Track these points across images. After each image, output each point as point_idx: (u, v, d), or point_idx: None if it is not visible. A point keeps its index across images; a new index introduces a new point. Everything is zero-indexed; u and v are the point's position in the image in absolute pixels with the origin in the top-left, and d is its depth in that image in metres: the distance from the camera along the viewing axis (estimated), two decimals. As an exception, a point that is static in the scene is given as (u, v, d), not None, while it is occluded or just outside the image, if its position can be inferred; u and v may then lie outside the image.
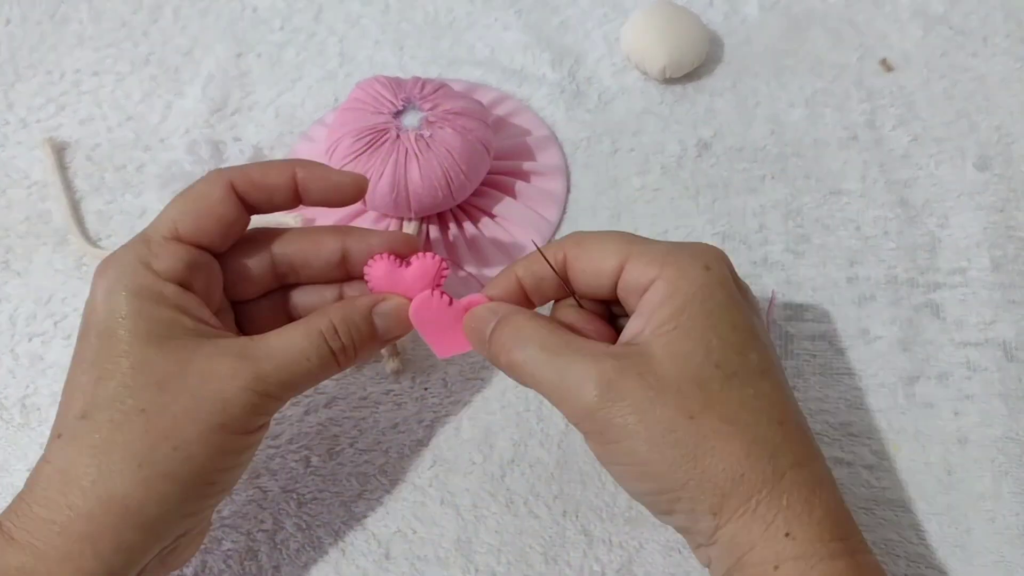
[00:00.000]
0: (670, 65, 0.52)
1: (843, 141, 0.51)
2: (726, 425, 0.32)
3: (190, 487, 0.33)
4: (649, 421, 0.32)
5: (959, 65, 0.54)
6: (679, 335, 0.33)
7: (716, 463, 0.32)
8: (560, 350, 0.34)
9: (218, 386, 0.33)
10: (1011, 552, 0.40)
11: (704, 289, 0.33)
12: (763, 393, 0.33)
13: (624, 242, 0.35)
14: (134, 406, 0.33)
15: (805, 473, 0.32)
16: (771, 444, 0.32)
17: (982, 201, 0.49)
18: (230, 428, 0.33)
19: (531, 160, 0.51)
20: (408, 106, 0.47)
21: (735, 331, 0.33)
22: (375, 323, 0.37)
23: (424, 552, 0.41)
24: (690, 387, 0.32)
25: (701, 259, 0.34)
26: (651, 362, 0.32)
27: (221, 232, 0.36)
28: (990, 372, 0.44)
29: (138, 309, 0.34)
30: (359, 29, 0.58)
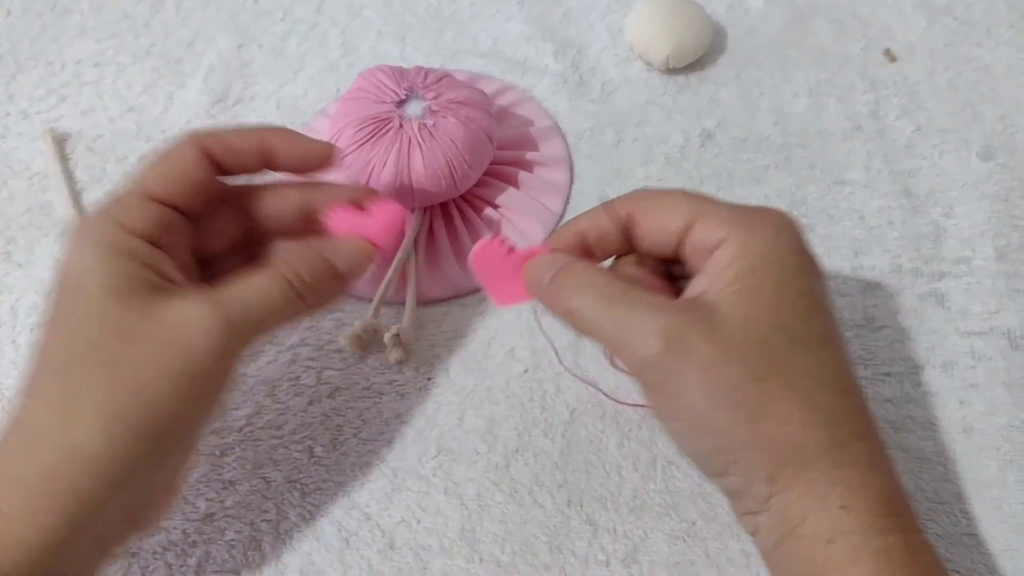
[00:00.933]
0: (673, 55, 0.52)
1: (847, 131, 0.51)
2: (789, 390, 0.31)
3: (155, 439, 0.33)
4: (713, 379, 0.31)
5: (963, 55, 0.54)
6: (747, 296, 0.32)
7: (777, 429, 0.31)
8: (620, 300, 0.33)
9: (183, 332, 0.33)
10: (1017, 540, 0.39)
11: (774, 253, 0.33)
12: (826, 361, 0.33)
13: (693, 201, 0.35)
14: (99, 360, 0.32)
15: (865, 446, 0.32)
16: (833, 413, 0.32)
17: (986, 191, 0.49)
18: (195, 376, 0.33)
19: (534, 150, 0.51)
20: (411, 95, 0.46)
21: (802, 297, 0.33)
22: (334, 262, 0.37)
23: (428, 542, 0.41)
24: (756, 349, 0.32)
25: (772, 223, 0.34)
26: (718, 319, 0.32)
27: (193, 194, 0.37)
28: (995, 361, 0.44)
29: (106, 265, 0.33)
30: (361, 20, 0.58)
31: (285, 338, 0.46)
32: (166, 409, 0.32)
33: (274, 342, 0.46)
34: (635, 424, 0.43)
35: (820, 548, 0.31)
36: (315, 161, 0.39)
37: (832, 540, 0.31)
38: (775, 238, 0.33)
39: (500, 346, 0.45)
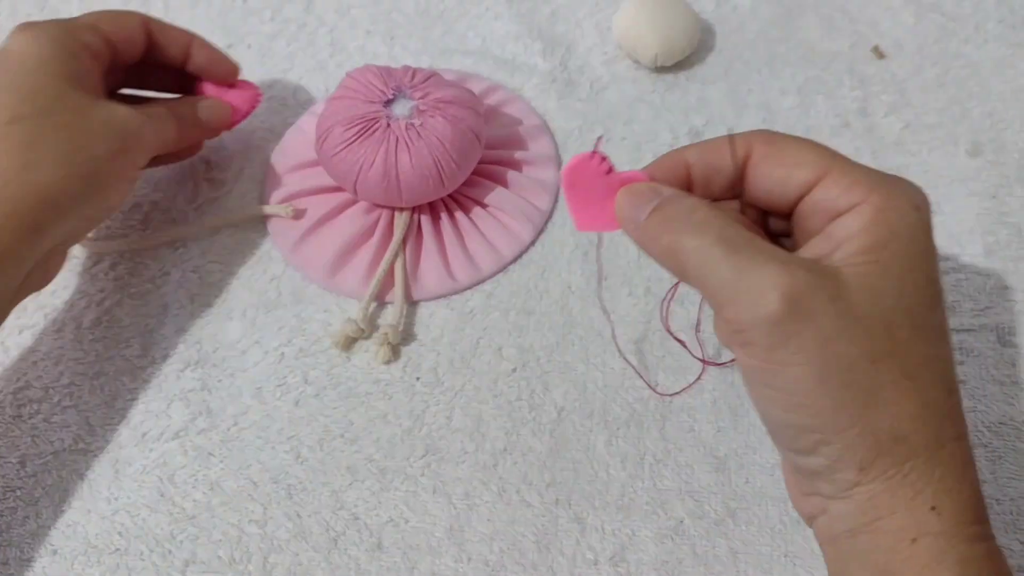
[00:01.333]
0: (662, 54, 0.52)
1: (835, 128, 0.51)
2: (905, 379, 0.29)
3: (94, 195, 0.42)
4: (829, 352, 0.29)
5: (951, 52, 0.54)
6: (877, 270, 0.29)
7: (883, 417, 0.29)
8: (741, 246, 0.30)
9: (121, 119, 0.43)
10: (1006, 537, 0.39)
11: (911, 230, 0.30)
12: (942, 356, 0.31)
13: (826, 155, 0.32)
14: (58, 122, 0.41)
15: (963, 448, 0.31)
16: (939, 411, 0.30)
17: (975, 187, 0.49)
18: (126, 147, 0.43)
19: (523, 149, 0.51)
20: (399, 95, 0.46)
21: (930, 284, 0.31)
22: (200, 114, 0.48)
23: (416, 541, 0.41)
24: (879, 328, 0.29)
25: (913, 198, 0.31)
26: (844, 290, 0.29)
27: (129, 48, 0.46)
28: (984, 357, 0.44)
29: (62, 58, 0.42)
30: (349, 19, 0.58)
31: (271, 338, 0.46)
32: (104, 165, 0.42)
33: (260, 343, 0.46)
34: (623, 423, 0.43)
35: (903, 545, 0.30)
36: (223, 69, 0.49)
37: (916, 540, 0.29)
38: (914, 214, 0.30)
39: (488, 345, 0.45)
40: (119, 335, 0.47)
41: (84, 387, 0.45)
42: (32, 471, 0.43)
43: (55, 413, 0.45)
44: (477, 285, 0.47)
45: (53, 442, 0.44)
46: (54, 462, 0.43)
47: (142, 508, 0.42)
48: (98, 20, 0.45)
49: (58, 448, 0.44)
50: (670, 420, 0.43)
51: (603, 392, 0.44)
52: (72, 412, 0.44)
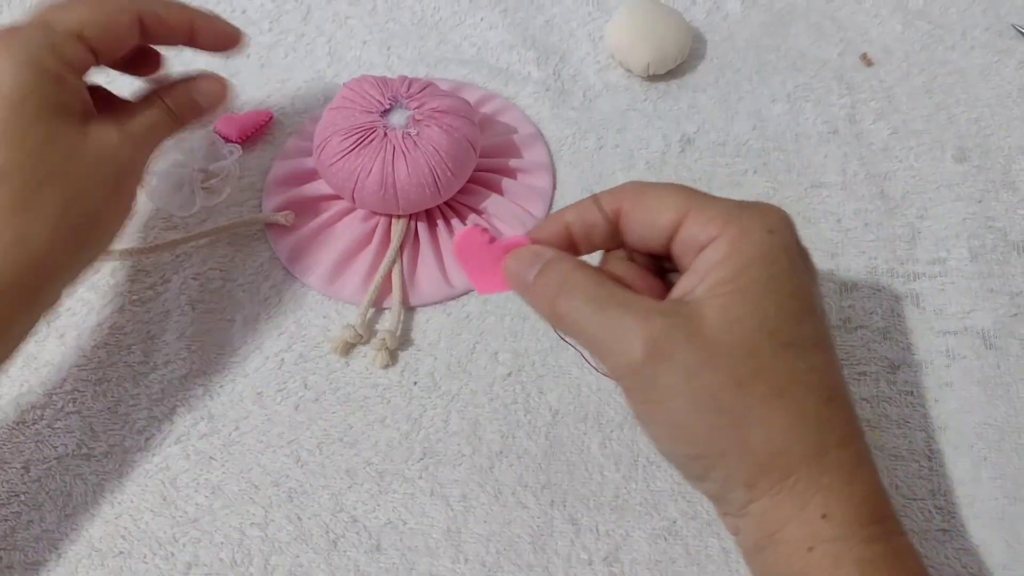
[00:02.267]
0: (654, 62, 0.53)
1: (824, 135, 0.52)
2: (773, 397, 0.31)
3: (88, 235, 0.40)
4: (695, 384, 0.31)
5: (938, 59, 0.55)
6: (735, 298, 0.31)
7: (758, 435, 0.31)
8: (607, 303, 0.33)
9: (112, 151, 0.40)
10: (990, 535, 0.40)
11: (766, 253, 0.32)
12: (815, 366, 0.32)
13: (684, 196, 0.34)
14: (47, 170, 0.38)
15: (849, 452, 0.32)
16: (817, 421, 0.31)
17: (961, 192, 0.50)
18: (118, 181, 0.40)
19: (517, 157, 0.52)
20: (395, 105, 0.47)
21: (793, 299, 0.32)
22: (196, 98, 0.45)
23: (414, 543, 0.41)
24: (741, 353, 0.31)
25: (765, 221, 0.33)
26: (702, 323, 0.31)
27: (119, 51, 0.42)
28: (969, 360, 0.45)
29: (45, 87, 0.38)
30: (347, 29, 0.59)
31: (271, 344, 0.47)
32: (98, 211, 0.40)
33: (260, 349, 0.47)
34: (617, 425, 0.44)
35: (800, 555, 0.31)
36: (227, 42, 0.46)
37: (812, 548, 0.31)
38: (767, 238, 0.32)
39: (484, 350, 0.46)
40: (121, 341, 0.47)
41: (87, 393, 0.46)
42: (36, 476, 0.44)
43: (58, 419, 0.45)
44: (473, 291, 0.48)
45: (56, 447, 0.44)
46: (57, 467, 0.44)
47: (145, 511, 0.43)
48: (82, 24, 0.40)
49: (61, 453, 0.44)
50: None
51: (597, 395, 0.45)
52: (75, 417, 0.45)
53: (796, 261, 0.33)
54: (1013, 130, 0.52)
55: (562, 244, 0.36)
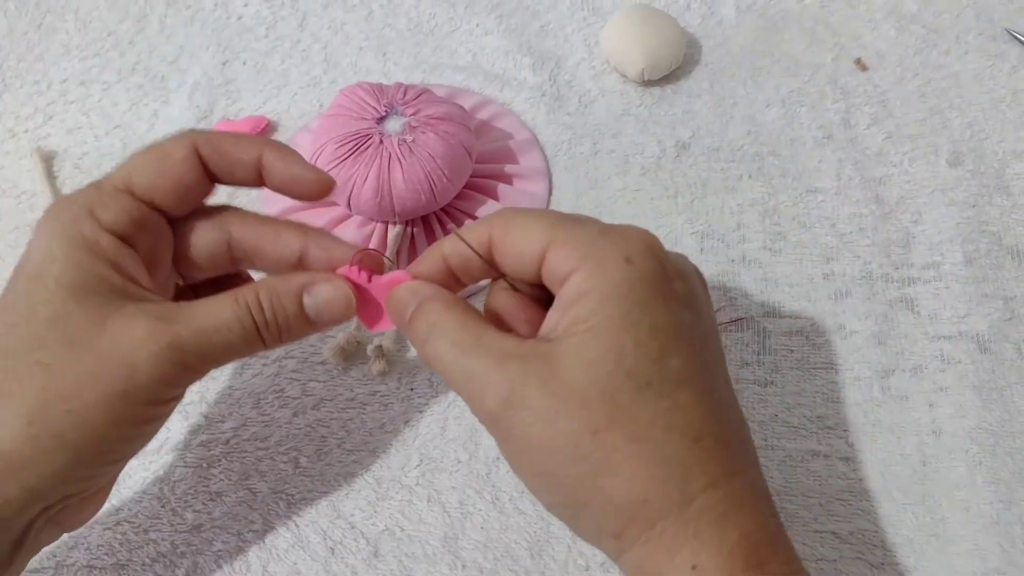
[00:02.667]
0: (648, 68, 0.53)
1: (818, 140, 0.52)
2: (632, 443, 0.29)
3: (81, 452, 0.31)
4: (552, 433, 0.30)
5: (932, 63, 0.55)
6: (590, 338, 0.30)
7: (618, 484, 0.29)
8: (469, 348, 0.31)
9: (128, 349, 0.31)
10: (985, 540, 0.40)
11: (622, 286, 0.30)
12: (679, 406, 0.30)
13: (548, 225, 0.32)
14: (38, 359, 0.31)
15: (719, 495, 0.29)
16: (682, 465, 0.29)
17: (955, 197, 0.50)
18: (134, 396, 0.31)
19: (513, 163, 0.52)
20: (391, 112, 0.47)
21: (655, 334, 0.30)
22: (305, 304, 0.35)
23: (412, 550, 0.42)
24: (597, 398, 0.29)
25: (624, 250, 0.31)
26: (558, 367, 0.30)
27: (178, 194, 0.35)
28: (963, 364, 0.45)
29: (69, 256, 0.32)
30: (343, 36, 0.59)
31: (270, 351, 0.47)
32: (96, 425, 0.31)
33: (259, 355, 0.47)
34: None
35: None
36: (308, 187, 0.36)
37: None
38: (625, 269, 0.30)
39: (481, 356, 0.46)
40: (119, 349, 0.47)
41: (85, 401, 0.46)
42: (35, 484, 0.44)
43: (57, 427, 0.45)
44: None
45: (56, 455, 0.45)
46: (57, 475, 0.44)
47: (144, 520, 0.43)
48: (131, 172, 0.34)
49: (61, 461, 0.44)
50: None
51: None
52: (74, 426, 0.45)
53: (660, 290, 0.31)
54: (1007, 134, 0.52)
55: (443, 277, 0.35)
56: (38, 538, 0.34)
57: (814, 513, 0.42)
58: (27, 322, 0.31)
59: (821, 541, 0.41)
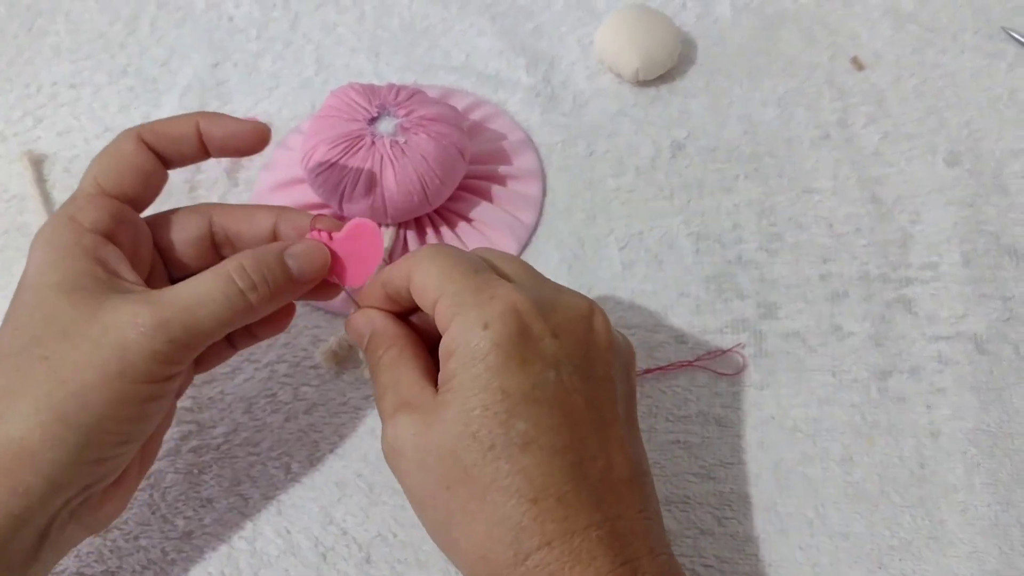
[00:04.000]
0: (643, 67, 0.53)
1: (815, 140, 0.52)
2: (473, 501, 0.31)
3: (89, 433, 0.33)
4: (419, 481, 0.33)
5: (929, 62, 0.54)
6: (449, 399, 0.32)
7: (464, 538, 0.32)
8: (384, 392, 0.35)
9: (118, 334, 0.33)
10: (984, 542, 0.40)
11: (475, 352, 0.32)
12: (521, 468, 0.31)
13: (440, 279, 0.34)
14: (39, 354, 0.33)
15: (554, 555, 0.31)
16: (518, 524, 0.31)
17: (952, 196, 0.49)
18: (130, 376, 0.33)
19: (507, 164, 0.52)
20: (383, 113, 0.47)
21: (505, 398, 0.32)
22: (288, 264, 0.37)
23: (404, 555, 0.41)
24: (448, 456, 0.32)
25: (482, 316, 0.32)
26: (430, 423, 0.32)
27: (140, 182, 0.38)
28: (961, 365, 0.44)
29: (54, 260, 0.35)
30: (335, 37, 0.58)
31: (262, 355, 0.46)
32: (99, 406, 0.33)
33: (250, 359, 0.46)
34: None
35: None
36: (248, 140, 0.39)
37: None
38: (480, 335, 0.32)
39: (474, 359, 0.46)
40: (109, 354, 0.47)
41: (75, 406, 0.46)
42: (24, 491, 0.43)
43: (47, 432, 0.45)
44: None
45: (45, 461, 0.44)
46: (46, 481, 0.44)
47: (134, 526, 0.42)
48: (95, 175, 0.37)
49: (50, 467, 0.44)
50: (657, 430, 0.44)
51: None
52: (63, 431, 0.45)
53: (517, 353, 0.32)
54: (1004, 133, 0.51)
55: (387, 305, 0.38)
56: (62, 534, 0.35)
57: (810, 516, 0.41)
58: (27, 326, 0.34)
59: (817, 545, 0.40)
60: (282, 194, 0.51)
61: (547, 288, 0.35)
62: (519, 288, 0.33)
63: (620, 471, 0.33)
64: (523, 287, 0.34)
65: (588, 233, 0.50)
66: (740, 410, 0.44)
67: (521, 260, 0.37)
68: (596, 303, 0.35)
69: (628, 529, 0.32)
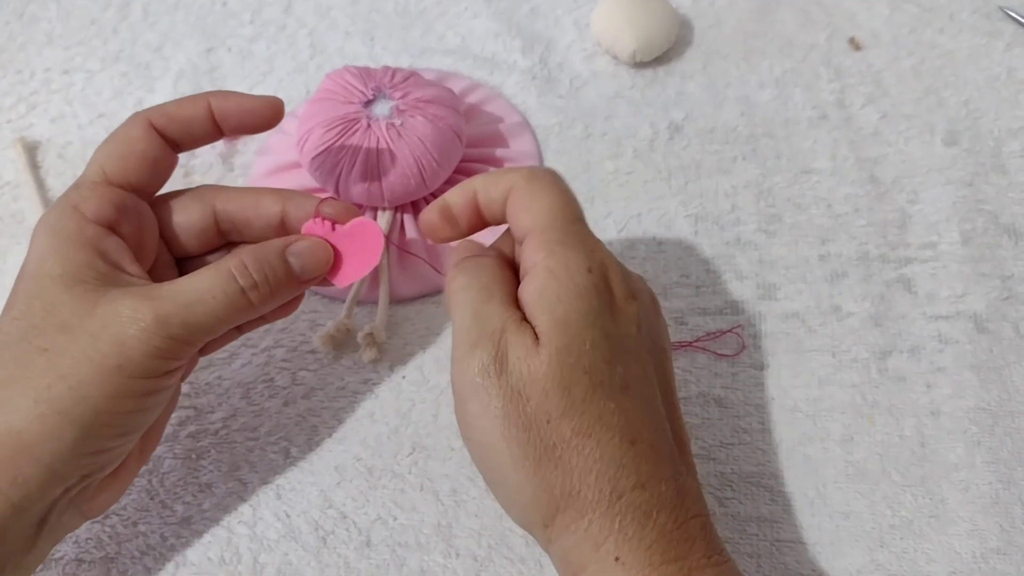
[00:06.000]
0: (640, 49, 0.53)
1: (813, 120, 0.52)
2: (577, 436, 0.31)
3: (87, 426, 0.33)
4: (509, 411, 0.32)
5: (926, 42, 0.54)
6: (556, 330, 0.32)
7: (555, 475, 0.31)
8: (480, 304, 0.34)
9: (117, 329, 0.33)
10: (984, 520, 0.40)
11: (584, 289, 0.33)
12: (623, 408, 0.32)
13: (544, 210, 0.35)
14: (38, 345, 0.33)
15: (646, 496, 0.31)
16: (616, 463, 0.31)
17: (951, 176, 0.49)
18: (128, 371, 0.33)
19: (504, 147, 0.52)
20: (378, 95, 0.47)
21: (607, 340, 0.33)
22: (290, 262, 0.37)
23: (405, 538, 0.41)
24: (555, 389, 0.32)
25: (585, 260, 0.34)
26: (529, 349, 0.32)
27: (147, 170, 0.37)
28: (961, 344, 0.44)
29: (55, 250, 0.34)
30: (329, 20, 0.58)
31: (259, 340, 0.46)
32: (97, 399, 0.33)
33: (248, 344, 0.46)
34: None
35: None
36: (264, 116, 0.39)
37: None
38: (586, 277, 0.33)
39: (473, 342, 0.46)
40: (106, 340, 0.47)
41: (72, 393, 0.45)
42: (22, 477, 0.43)
43: (43, 419, 0.45)
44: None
45: (42, 448, 0.44)
46: (43, 468, 0.43)
47: (133, 512, 0.42)
48: (101, 162, 0.37)
49: (47, 454, 0.44)
50: (654, 413, 0.43)
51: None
52: (60, 418, 0.45)
53: (610, 302, 0.34)
54: (1002, 113, 0.51)
55: (469, 211, 0.38)
56: (60, 522, 0.35)
57: (811, 496, 0.41)
58: (26, 315, 0.34)
59: (818, 524, 0.40)
60: (278, 179, 0.51)
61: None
62: (606, 247, 0.35)
63: (680, 434, 0.35)
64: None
65: (586, 216, 0.49)
66: (740, 391, 0.44)
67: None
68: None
69: (690, 487, 0.33)
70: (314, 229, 0.39)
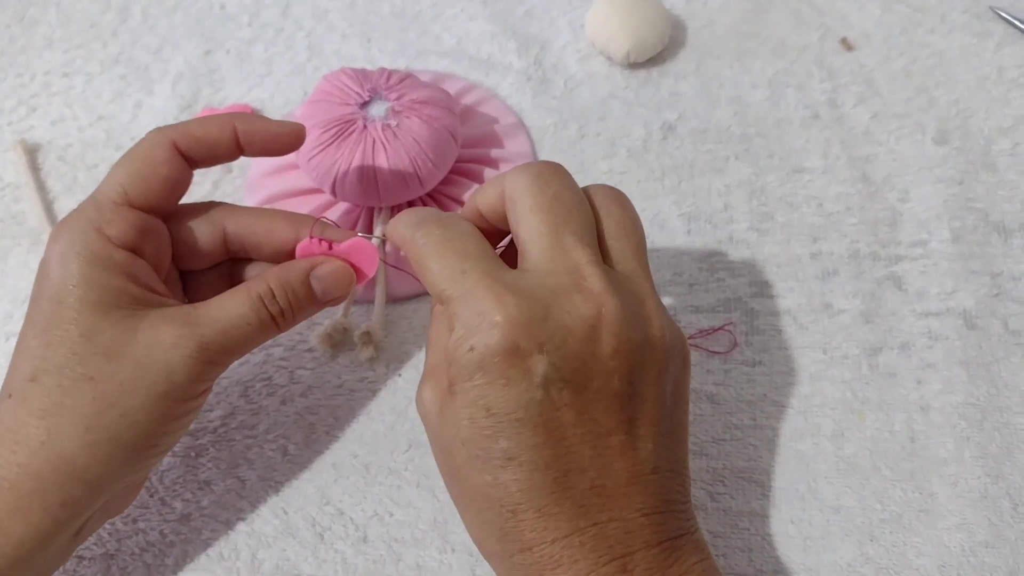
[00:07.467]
0: (634, 50, 0.53)
1: (805, 120, 0.52)
2: (463, 498, 0.34)
3: (134, 450, 0.35)
4: (435, 453, 0.35)
5: (917, 42, 0.55)
6: (449, 401, 0.33)
7: (464, 520, 0.34)
8: (436, 336, 0.36)
9: (163, 356, 0.34)
10: (973, 515, 0.41)
11: (466, 369, 0.32)
12: (500, 482, 0.32)
13: (455, 271, 0.33)
14: (82, 373, 0.34)
15: (534, 557, 0.31)
16: (500, 530, 0.32)
17: (941, 174, 0.50)
18: (174, 396, 0.35)
19: (499, 147, 0.52)
20: (374, 97, 0.47)
21: (488, 416, 0.31)
22: (312, 286, 0.38)
23: (401, 534, 0.42)
24: (446, 452, 0.33)
25: (469, 338, 0.32)
26: (441, 410, 0.33)
27: (168, 192, 0.38)
28: (951, 340, 0.45)
29: (88, 276, 0.35)
30: (326, 23, 0.58)
31: (257, 339, 0.47)
32: (145, 424, 0.35)
33: (246, 344, 0.47)
34: (601, 413, 0.44)
35: None
36: (287, 142, 0.39)
37: None
38: (466, 356, 0.31)
39: (468, 341, 0.46)
40: (105, 340, 0.47)
41: (72, 392, 0.46)
42: (23, 475, 0.44)
43: (44, 418, 0.45)
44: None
45: (43, 447, 0.44)
46: (44, 466, 0.44)
47: (133, 509, 0.43)
48: (122, 183, 0.36)
49: (48, 452, 0.44)
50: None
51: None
52: (61, 417, 0.45)
53: (502, 374, 0.31)
54: (992, 112, 0.52)
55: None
56: (90, 526, 0.37)
57: (802, 491, 0.42)
58: (63, 342, 0.34)
59: (809, 519, 0.41)
60: (276, 180, 0.51)
61: (560, 288, 0.32)
62: (516, 291, 0.32)
63: (618, 476, 0.32)
64: (526, 286, 0.32)
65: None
66: (732, 387, 0.44)
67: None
68: (618, 304, 0.32)
69: (622, 529, 0.32)
70: (311, 248, 0.39)
